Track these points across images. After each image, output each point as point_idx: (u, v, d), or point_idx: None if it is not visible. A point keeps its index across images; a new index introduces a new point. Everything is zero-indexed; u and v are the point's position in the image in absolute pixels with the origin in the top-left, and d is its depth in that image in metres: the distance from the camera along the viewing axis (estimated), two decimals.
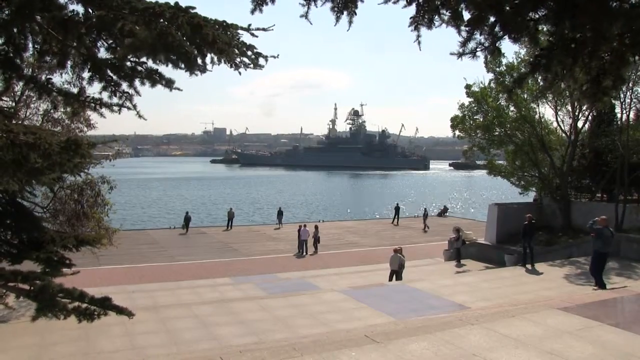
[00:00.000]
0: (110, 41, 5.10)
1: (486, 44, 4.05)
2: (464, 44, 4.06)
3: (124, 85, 5.30)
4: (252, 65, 5.40)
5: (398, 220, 36.51)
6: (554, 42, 3.90)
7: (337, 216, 47.02)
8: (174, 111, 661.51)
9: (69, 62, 5.11)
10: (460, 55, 4.10)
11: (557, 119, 21.99)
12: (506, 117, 21.68)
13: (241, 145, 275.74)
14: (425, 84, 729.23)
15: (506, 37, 3.99)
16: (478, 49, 4.08)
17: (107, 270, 19.75)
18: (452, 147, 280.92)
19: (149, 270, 20.40)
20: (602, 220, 12.12)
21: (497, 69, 20.75)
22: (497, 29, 3.97)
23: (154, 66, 5.17)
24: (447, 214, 41.67)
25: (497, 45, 4.05)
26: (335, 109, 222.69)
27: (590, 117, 21.69)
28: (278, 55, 5.61)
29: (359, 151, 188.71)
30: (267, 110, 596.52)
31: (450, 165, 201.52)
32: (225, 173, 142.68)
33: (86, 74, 5.22)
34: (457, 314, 8.74)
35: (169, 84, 5.20)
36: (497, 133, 22.16)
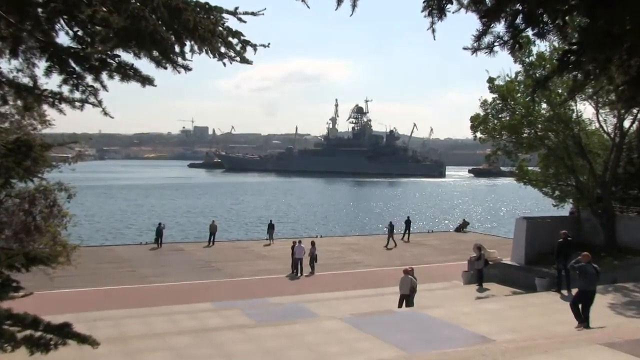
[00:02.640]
0: (77, 29, 5.15)
1: (505, 38, 4.11)
2: (479, 37, 4.13)
3: (89, 79, 5.35)
4: (238, 58, 5.47)
5: (409, 235, 36.54)
6: (585, 37, 3.95)
7: (337, 231, 47.04)
8: (146, 106, 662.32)
9: (21, 48, 5.12)
10: (474, 50, 4.16)
11: (598, 118, 22.08)
12: (537, 116, 21.80)
13: (226, 147, 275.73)
14: (442, 77, 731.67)
15: (529, 30, 4.05)
16: (496, 44, 4.14)
17: (63, 294, 19.70)
18: (472, 151, 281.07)
19: (115, 293, 20.36)
20: (584, 256, 12.85)
21: (526, 60, 20.89)
22: (518, 20, 4.03)
23: (128, 60, 5.21)
24: (467, 229, 41.71)
25: (518, 39, 4.11)
26: (336, 105, 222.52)
27: (639, 116, 21.74)
28: (269, 44, 5.69)
29: (363, 155, 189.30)
30: (268, 110, 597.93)
31: (469, 171, 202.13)
32: (206, 179, 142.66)
33: (43, 64, 5.23)
34: (479, 347, 8.78)
35: (146, 81, 5.27)
36: (526, 135, 22.31)
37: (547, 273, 19.06)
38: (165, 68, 5.24)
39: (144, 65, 5.25)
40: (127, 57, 5.19)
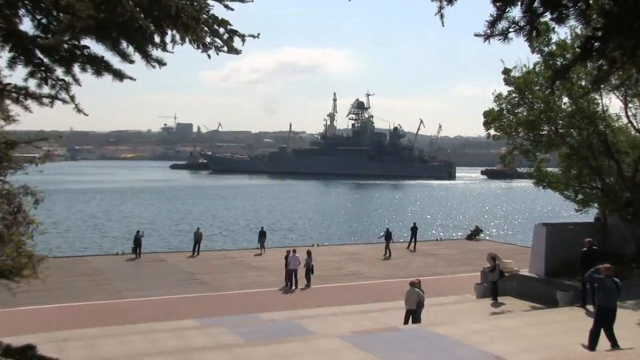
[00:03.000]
0: (40, 17, 5.12)
1: (521, 24, 4.10)
2: (492, 23, 4.11)
3: (59, 72, 5.31)
4: (225, 48, 5.45)
5: (415, 244, 36.64)
6: (611, 21, 3.94)
7: (335, 239, 47.12)
8: (123, 101, 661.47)
9: None
10: (487, 37, 4.15)
11: (626, 112, 22.06)
12: (557, 111, 21.82)
13: (212, 146, 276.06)
14: (451, 68, 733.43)
15: (548, 14, 4.04)
16: (511, 30, 4.13)
17: (29, 311, 19.65)
18: (486, 150, 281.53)
19: (88, 310, 20.33)
20: (605, 268, 12.80)
21: (545, 49, 20.93)
22: (536, 3, 4.02)
23: (99, 52, 5.18)
24: (480, 236, 41.81)
25: (535, 25, 4.10)
26: (334, 100, 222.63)
27: None
28: (259, 34, 5.68)
29: (364, 154, 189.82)
30: (268, 107, 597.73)
31: (482, 173, 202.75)
32: (190, 182, 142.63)
33: (6, 54, 5.16)
34: None
35: (119, 75, 5.24)
36: (545, 132, 22.34)
37: (570, 286, 19.06)
38: (132, 62, 5.21)
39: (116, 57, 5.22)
40: (98, 48, 5.16)
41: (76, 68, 5.26)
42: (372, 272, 28.45)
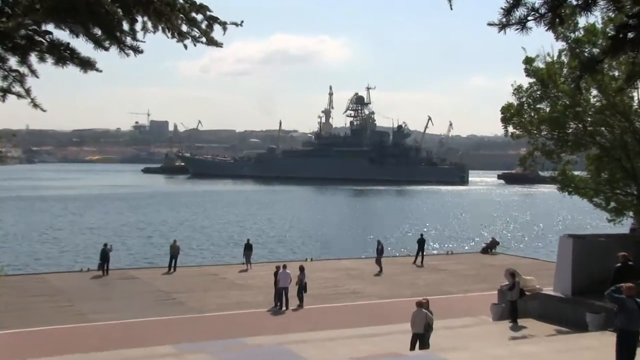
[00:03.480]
0: None
1: (542, 11, 4.09)
2: (508, 10, 4.12)
3: (12, 61, 5.27)
4: (204, 39, 5.44)
5: (423, 258, 36.63)
6: None
7: (332, 252, 46.95)
8: (89, 95, 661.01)
9: None
10: (502, 26, 4.15)
11: None
12: (586, 106, 21.88)
13: (191, 147, 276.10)
14: (464, 57, 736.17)
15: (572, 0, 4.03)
16: (530, 18, 4.13)
17: None
18: (503, 151, 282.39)
19: (47, 336, 20.20)
20: (628, 288, 12.95)
21: (572, 35, 20.99)
22: None
23: (63, 38, 5.14)
24: (497, 250, 41.86)
25: (559, 11, 4.10)
26: (330, 94, 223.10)
27: None
28: (242, 22, 5.67)
29: (364, 156, 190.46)
30: (265, 107, 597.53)
31: (499, 177, 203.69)
32: (165, 188, 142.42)
33: None
34: None
35: (86, 65, 5.22)
36: (571, 130, 22.41)
37: (601, 307, 19.00)
38: (106, 49, 5.16)
39: (85, 44, 5.20)
40: (61, 34, 5.13)
41: (33, 57, 5.21)
42: (373, 291, 28.39)
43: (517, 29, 4.22)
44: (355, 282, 30.34)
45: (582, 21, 20.73)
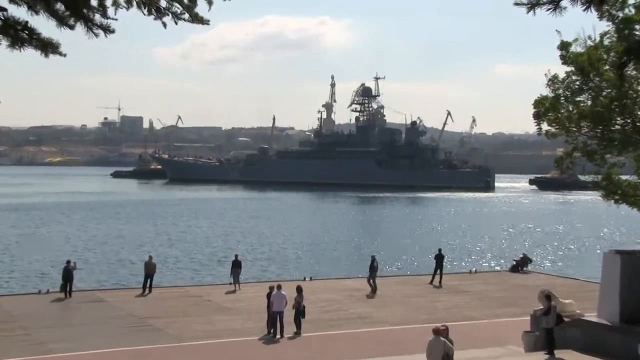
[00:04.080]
0: None
1: None
2: None
3: None
4: (186, 15, 5.35)
5: (441, 277, 36.54)
6: None
7: (334, 270, 46.91)
8: (50, 86, 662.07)
9: None
10: (532, 6, 4.06)
11: None
12: (635, 98, 21.76)
13: (169, 147, 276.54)
14: (489, 41, 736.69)
15: None
16: None
17: None
18: (535, 152, 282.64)
19: None
20: None
21: (619, 13, 20.83)
22: None
23: (20, 16, 5.04)
24: (528, 268, 41.80)
25: None
26: (332, 85, 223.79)
27: None
28: None
29: (371, 157, 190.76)
30: (263, 112, 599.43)
31: (531, 182, 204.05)
32: (138, 195, 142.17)
33: None
34: None
35: (48, 47, 5.11)
36: (618, 126, 22.32)
37: None
38: (72, 27, 5.06)
39: (46, 23, 5.10)
40: (18, 11, 5.04)
41: None
42: (383, 315, 28.31)
43: (549, 9, 4.13)
44: (361, 305, 30.25)
45: None
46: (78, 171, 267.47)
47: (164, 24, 5.34)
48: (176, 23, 5.36)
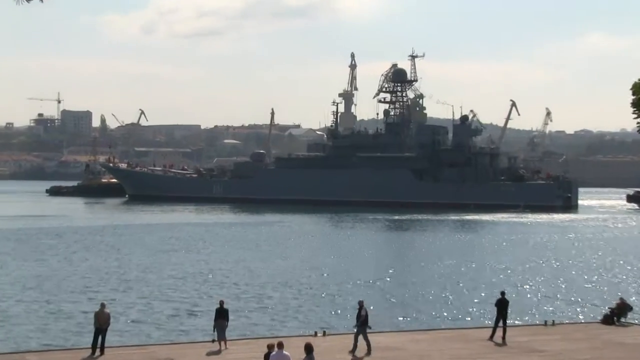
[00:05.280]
0: None
1: None
2: None
3: None
4: None
5: (505, 331, 36.38)
6: None
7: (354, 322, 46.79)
8: None
9: None
10: None
11: None
12: None
13: (129, 153, 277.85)
14: (570, 6, 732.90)
15: None
16: None
17: None
18: (637, 156, 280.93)
19: None
20: None
21: None
22: None
23: None
24: (627, 318, 41.49)
25: None
26: (352, 67, 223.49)
27: None
28: None
29: (406, 165, 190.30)
30: (255, 103, 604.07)
31: (630, 198, 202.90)
32: (85, 220, 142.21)
33: None
34: None
35: None
36: None
37: None
38: None
39: None
40: None
41: None
42: None
43: None
44: None
45: None
46: (3, 187, 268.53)
47: None
48: None
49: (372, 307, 54.76)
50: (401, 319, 49.14)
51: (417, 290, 61.75)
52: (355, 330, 32.93)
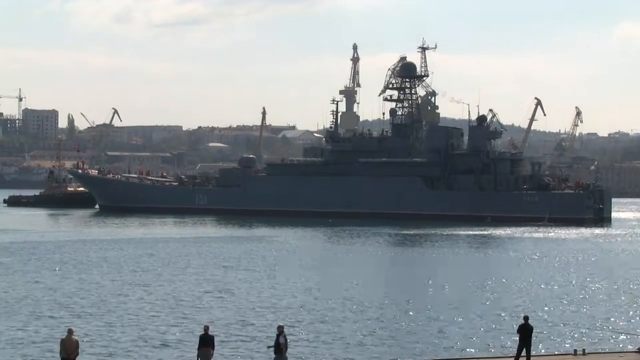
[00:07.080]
0: None
1: None
2: None
3: None
4: None
5: (529, 359, 36.33)
6: None
7: (363, 351, 46.86)
8: None
9: None
10: None
11: None
12: None
13: (99, 158, 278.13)
14: None
15: None
16: None
17: None
18: None
19: None
20: None
21: None
22: None
23: None
24: None
25: None
26: (354, 60, 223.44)
27: None
28: None
29: (416, 172, 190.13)
30: (244, 101, 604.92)
31: None
32: (48, 235, 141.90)
33: None
34: None
35: None
36: None
37: None
38: None
39: None
40: None
41: None
42: None
43: None
44: None
45: None
46: None
47: None
48: None
49: (373, 336, 54.78)
50: (409, 345, 48.96)
51: (431, 316, 61.64)
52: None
